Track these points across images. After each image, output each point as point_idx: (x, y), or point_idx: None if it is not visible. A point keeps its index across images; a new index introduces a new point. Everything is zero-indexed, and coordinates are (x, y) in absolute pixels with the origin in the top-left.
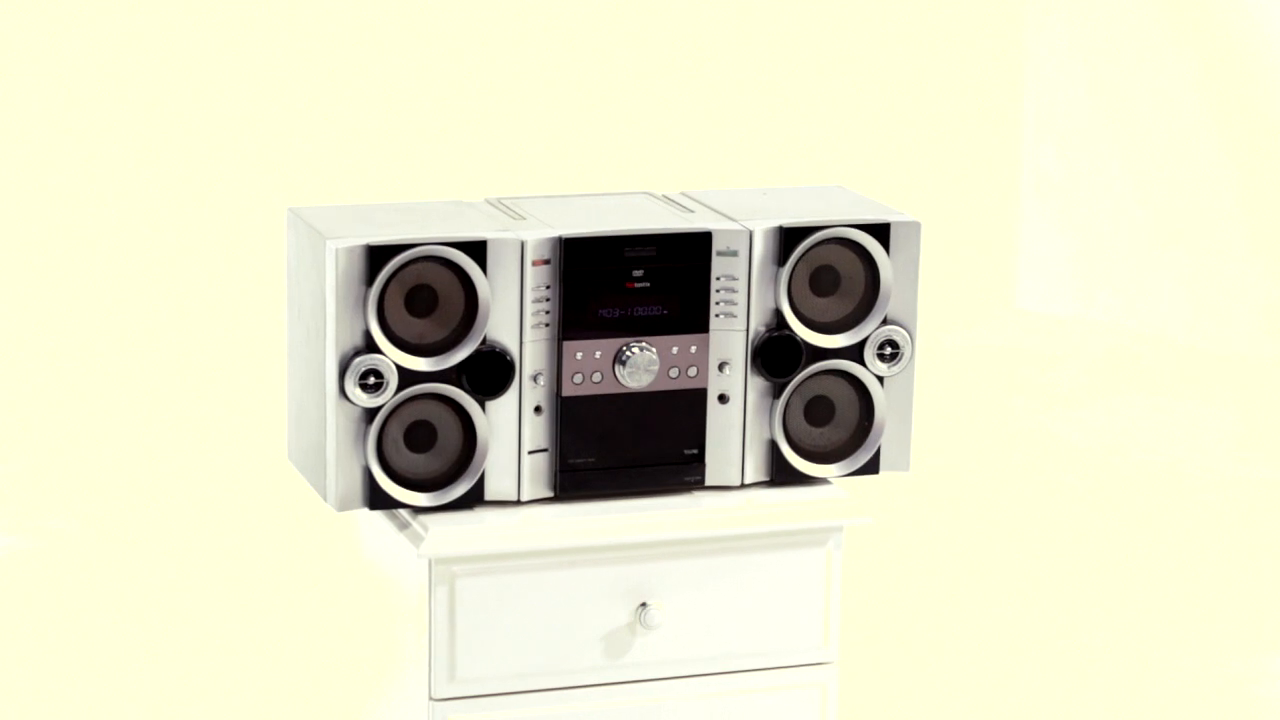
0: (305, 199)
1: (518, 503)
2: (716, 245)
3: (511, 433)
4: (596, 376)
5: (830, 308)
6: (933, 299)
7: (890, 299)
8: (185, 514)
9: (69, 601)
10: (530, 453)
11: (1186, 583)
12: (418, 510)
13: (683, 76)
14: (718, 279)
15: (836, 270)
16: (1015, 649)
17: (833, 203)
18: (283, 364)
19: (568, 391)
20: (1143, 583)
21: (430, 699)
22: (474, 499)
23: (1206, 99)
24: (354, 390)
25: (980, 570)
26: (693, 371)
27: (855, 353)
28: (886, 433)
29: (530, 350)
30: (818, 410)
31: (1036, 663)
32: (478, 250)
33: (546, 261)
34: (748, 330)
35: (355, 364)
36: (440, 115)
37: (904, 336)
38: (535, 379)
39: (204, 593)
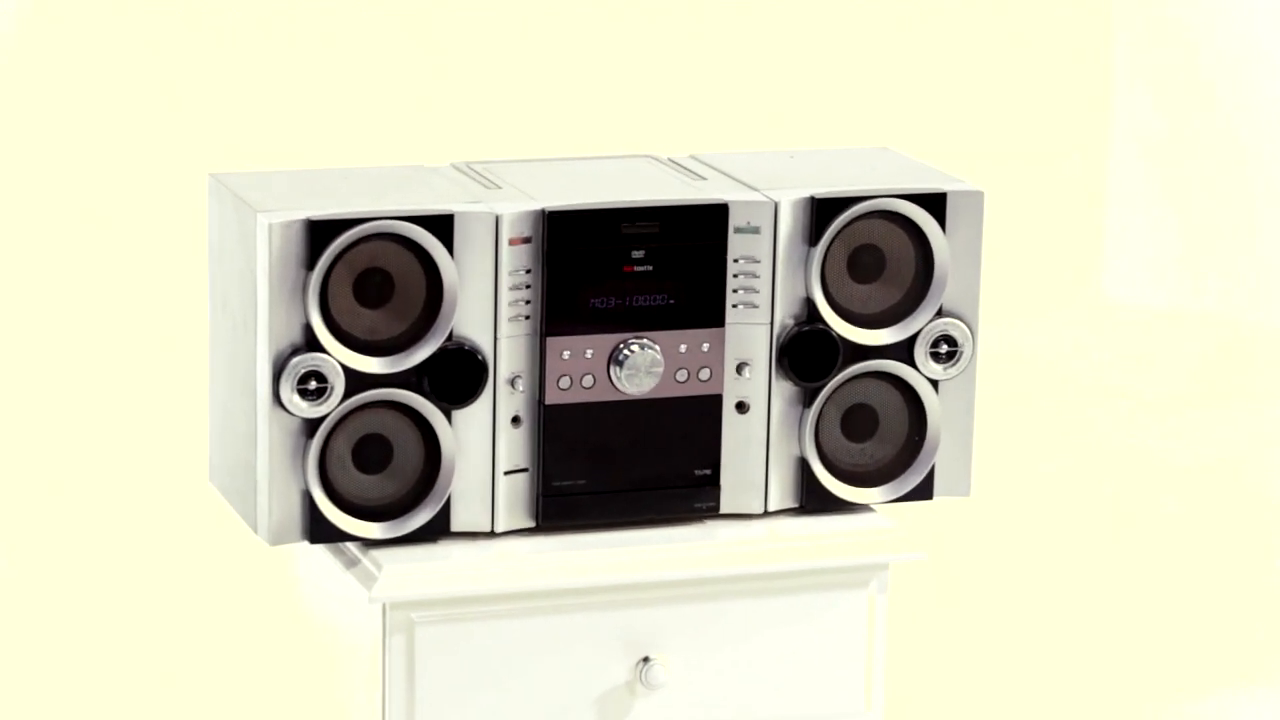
0: (230, 163)
1: (491, 534)
2: (734, 220)
3: (484, 449)
4: (587, 380)
5: (873, 296)
6: (999, 285)
7: (947, 285)
8: (79, 551)
9: None
10: (507, 473)
11: None
12: (369, 544)
13: (690, 13)
14: (735, 261)
15: (880, 250)
16: (1096, 715)
17: (876, 167)
18: (203, 365)
19: (552, 398)
20: (1256, 632)
21: None
22: (438, 530)
23: None
24: (291, 397)
25: (1055, 618)
26: (705, 374)
27: (904, 351)
28: (942, 449)
29: (507, 348)
30: (858, 421)
31: None
32: (442, 226)
33: (526, 239)
34: (772, 324)
35: (293, 365)
36: (395, 60)
37: (963, 332)
38: (513, 383)
39: (104, 648)
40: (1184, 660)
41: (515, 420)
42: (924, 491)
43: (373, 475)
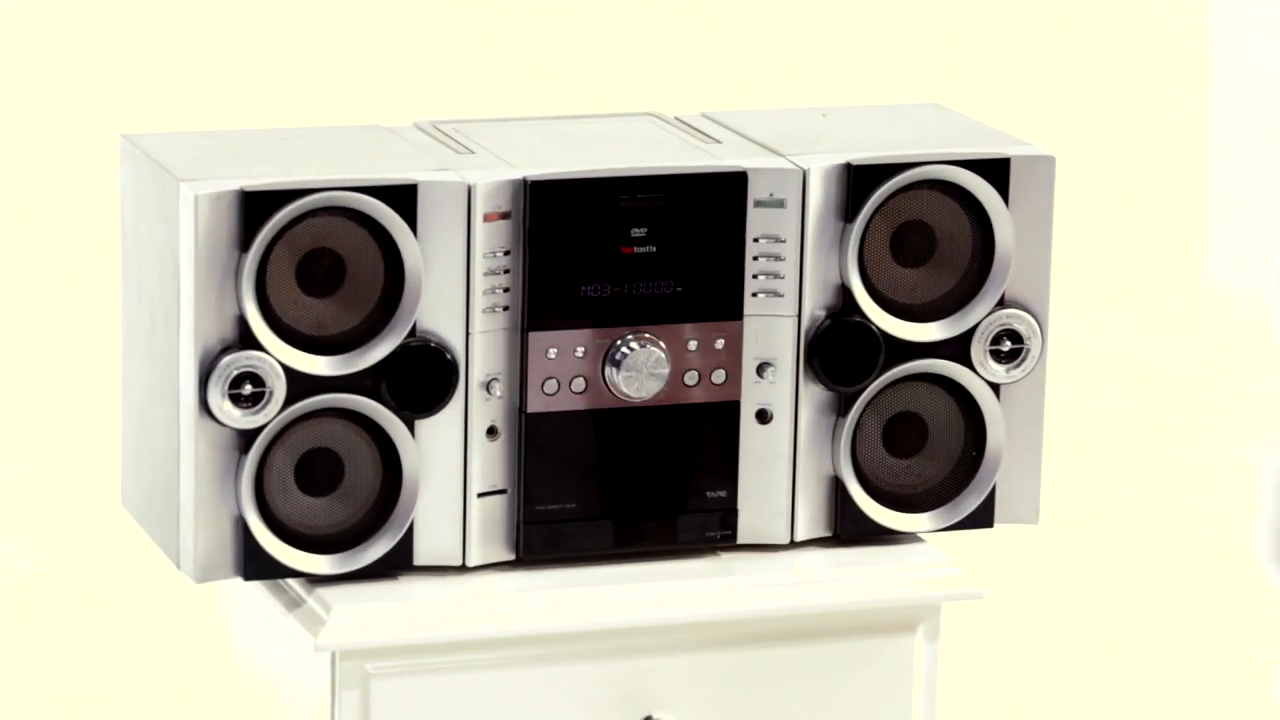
0: (147, 122)
1: (462, 569)
2: (754, 191)
3: (453, 466)
4: (578, 384)
5: (921, 283)
6: (1072, 270)
7: (1010, 270)
8: None
9: None
10: (481, 495)
11: None
12: (315, 580)
13: None
14: (756, 241)
15: (930, 228)
16: None
17: (926, 128)
18: (114, 365)
19: (536, 405)
20: None
21: None
22: (398, 563)
23: None
24: (222, 404)
25: (1137, 669)
26: (719, 377)
27: (958, 349)
28: (1004, 467)
29: (481, 345)
30: (903, 434)
31: None
32: (404, 198)
33: (505, 215)
34: (799, 316)
35: (223, 365)
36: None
37: (1030, 326)
38: (488, 387)
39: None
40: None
41: (491, 431)
42: (983, 518)
43: (320, 498)
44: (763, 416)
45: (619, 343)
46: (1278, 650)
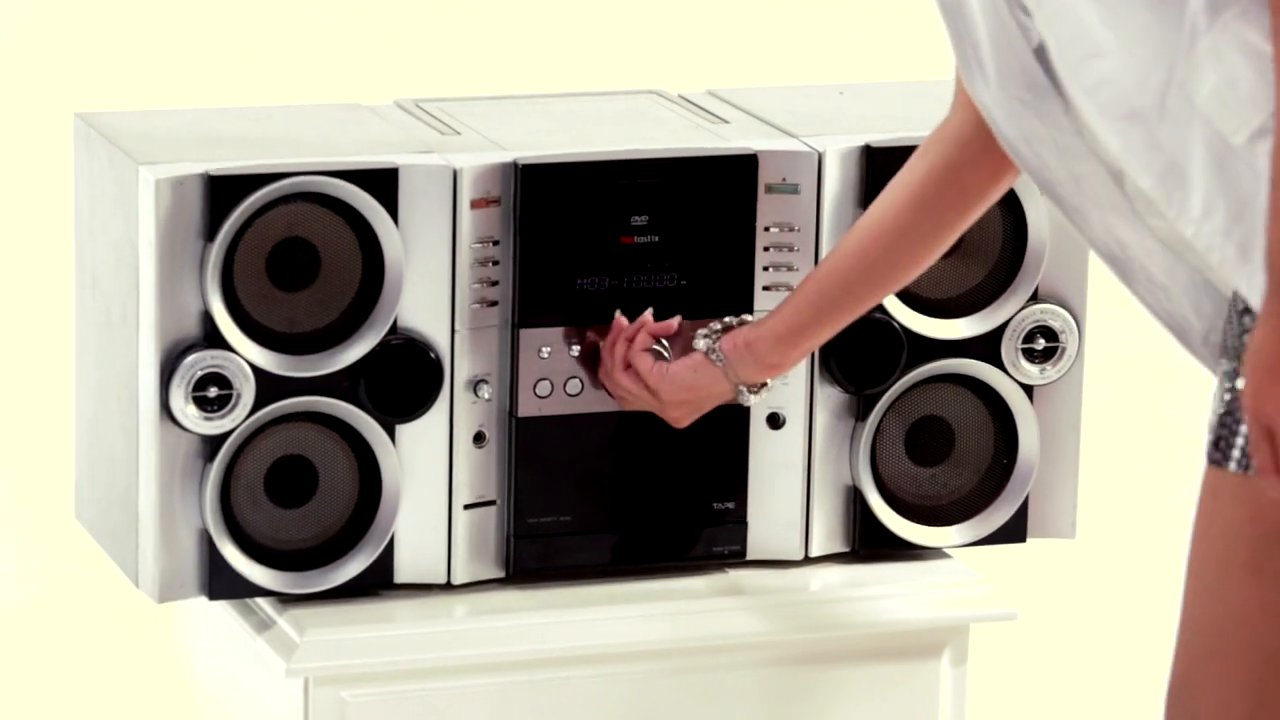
0: (103, 100)
1: (447, 588)
2: (765, 175)
3: (438, 475)
4: (573, 385)
5: (947, 275)
6: None
7: (1044, 261)
8: None
9: None
10: (468, 507)
11: None
12: (287, 600)
13: None
14: (767, 230)
15: None
16: None
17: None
18: (67, 366)
19: (527, 409)
20: None
21: None
22: (377, 582)
23: None
24: (185, 408)
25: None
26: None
27: (988, 348)
28: (1037, 476)
29: (468, 344)
30: (928, 440)
31: None
32: (384, 183)
33: (494, 201)
34: None
35: (187, 365)
36: None
37: (1066, 321)
38: (475, 389)
39: None
40: None
41: (479, 438)
42: (1015, 532)
43: (292, 510)
44: (774, 421)
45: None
46: None
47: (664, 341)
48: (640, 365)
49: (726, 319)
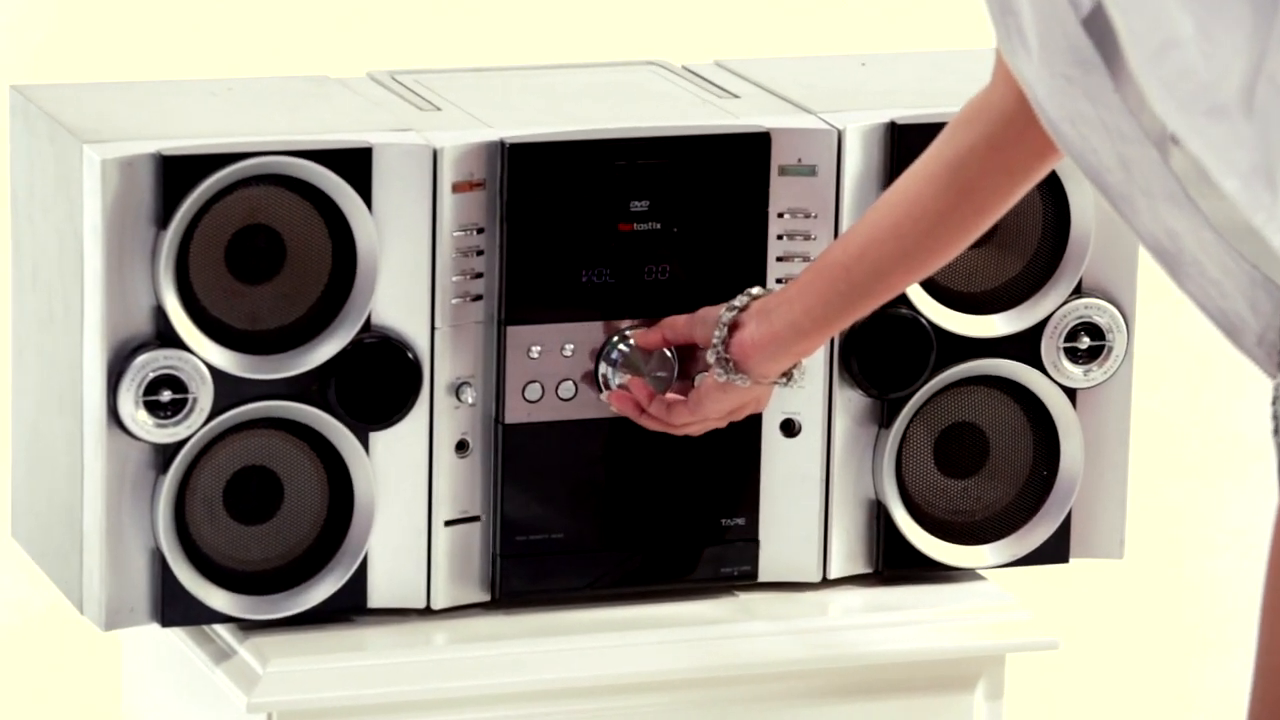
0: (41, 72)
1: (426, 613)
2: (779, 156)
3: (416, 489)
4: (566, 389)
5: (981, 267)
6: None
7: (1090, 251)
8: None
9: None
10: (449, 523)
11: None
12: (248, 627)
13: None
14: (781, 216)
15: None
16: None
17: (980, 79)
18: (3, 367)
19: (515, 415)
20: None
21: None
22: (348, 606)
23: None
24: (135, 413)
25: None
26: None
27: (1026, 347)
28: (1082, 489)
29: (449, 343)
30: (959, 449)
31: None
32: (356, 163)
33: (479, 184)
34: None
35: (137, 366)
36: None
37: (1114, 318)
38: (457, 393)
39: None
40: None
41: (461, 446)
42: (1056, 552)
43: (254, 527)
44: (789, 428)
45: (615, 338)
46: None
47: (668, 351)
48: (675, 419)
49: (721, 326)
